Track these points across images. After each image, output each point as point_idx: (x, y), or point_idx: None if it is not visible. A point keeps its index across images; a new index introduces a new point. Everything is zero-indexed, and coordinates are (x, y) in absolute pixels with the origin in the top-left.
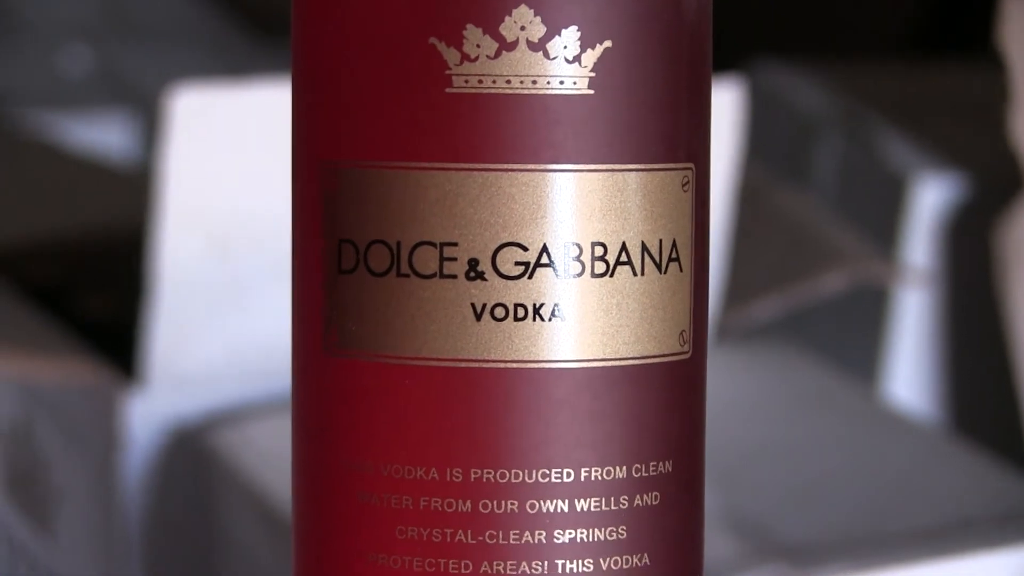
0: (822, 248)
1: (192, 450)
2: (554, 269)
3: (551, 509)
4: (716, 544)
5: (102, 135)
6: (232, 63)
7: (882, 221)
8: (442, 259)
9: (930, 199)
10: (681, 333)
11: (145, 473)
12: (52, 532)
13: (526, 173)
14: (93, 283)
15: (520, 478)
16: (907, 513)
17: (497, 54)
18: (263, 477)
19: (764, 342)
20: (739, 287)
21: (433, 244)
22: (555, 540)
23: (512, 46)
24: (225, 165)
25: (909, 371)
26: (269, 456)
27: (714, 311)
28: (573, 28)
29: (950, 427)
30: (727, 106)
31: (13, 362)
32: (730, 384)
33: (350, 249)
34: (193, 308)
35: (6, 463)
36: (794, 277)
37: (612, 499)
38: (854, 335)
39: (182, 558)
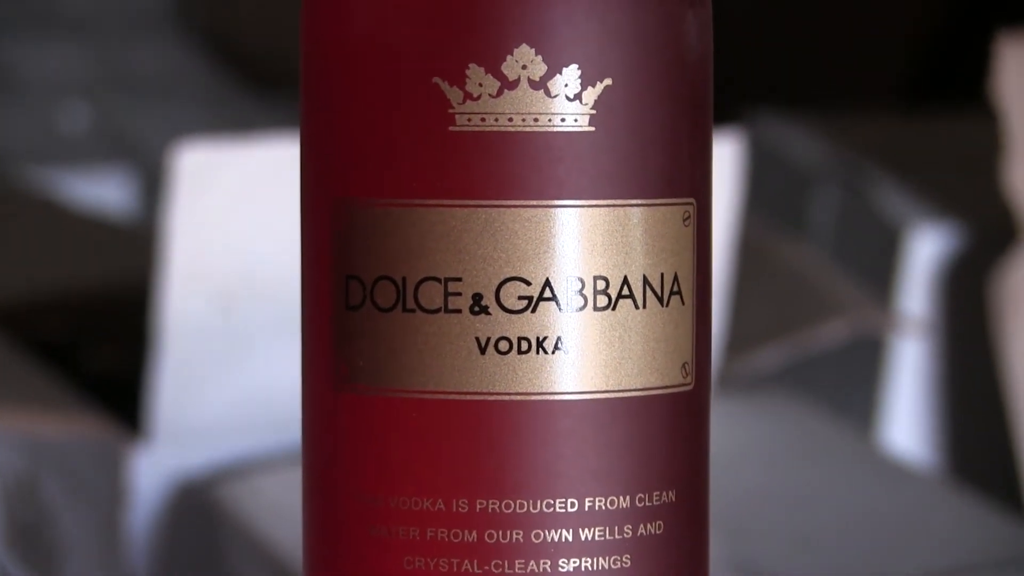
0: (822, 298)
1: (198, 504)
2: (557, 303)
3: (556, 539)
4: None
5: (101, 190)
6: (229, 117)
7: (879, 271)
8: (447, 294)
9: (926, 249)
10: (683, 365)
11: (151, 527)
12: None
13: (529, 209)
14: (98, 338)
15: (525, 508)
16: (906, 559)
17: (499, 93)
18: (270, 530)
19: (765, 391)
20: (741, 336)
21: (438, 279)
22: (560, 569)
23: (514, 85)
24: (229, 222)
25: (907, 419)
26: (276, 509)
27: (716, 360)
28: (574, 66)
29: (948, 474)
30: (727, 157)
31: (19, 416)
32: (732, 432)
33: (357, 285)
34: (198, 363)
35: (11, 517)
36: (794, 327)
37: (616, 528)
38: (852, 384)
39: None
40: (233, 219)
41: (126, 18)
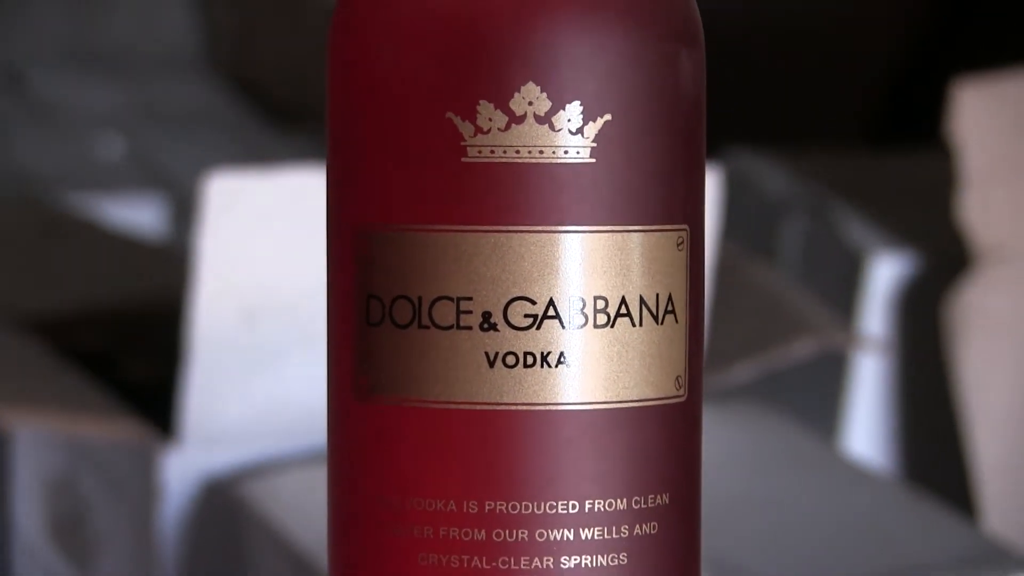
0: (790, 318)
1: (223, 501)
2: (560, 321)
3: (558, 537)
4: None
5: (135, 215)
6: (251, 149)
7: (842, 294)
8: (459, 312)
9: (885, 274)
10: (677, 378)
11: (180, 522)
12: (93, 575)
13: (534, 234)
14: (134, 349)
15: (530, 509)
16: (866, 556)
17: (507, 127)
18: (289, 525)
19: (738, 402)
20: (716, 352)
21: (451, 299)
22: (562, 566)
23: (521, 119)
24: (254, 243)
25: (867, 428)
26: (295, 505)
27: None
28: (576, 103)
29: (904, 478)
30: (708, 188)
31: (61, 420)
32: (707, 439)
33: (377, 304)
34: (225, 372)
35: (53, 512)
36: (766, 344)
37: (614, 528)
38: (818, 396)
39: None
40: (257, 241)
41: (159, 59)
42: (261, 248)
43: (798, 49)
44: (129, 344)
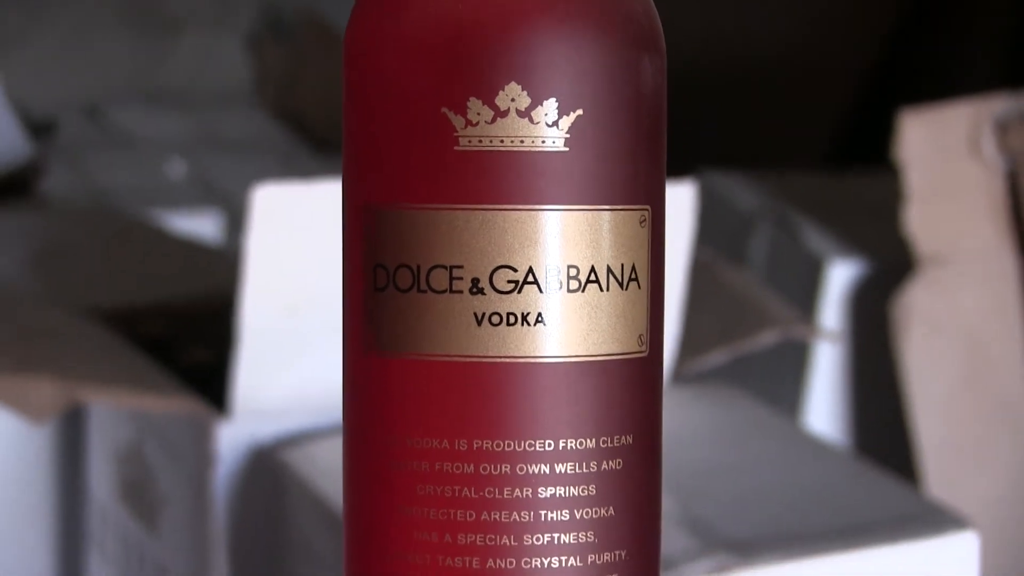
0: (758, 313)
1: (268, 466)
2: (538, 286)
3: (536, 471)
4: (673, 539)
5: (194, 225)
6: (295, 171)
7: (803, 293)
8: (451, 278)
9: (840, 277)
10: (639, 336)
11: (231, 484)
12: (158, 531)
13: (516, 212)
14: (192, 337)
15: (512, 447)
16: (823, 516)
17: (493, 120)
18: (323, 485)
19: (712, 384)
20: (693, 341)
21: (444, 267)
22: (539, 495)
23: (505, 114)
24: (294, 245)
25: (824, 407)
26: (328, 469)
27: (671, 361)
28: (552, 99)
29: (856, 450)
30: (683, 202)
31: (129, 397)
32: (685, 416)
33: (383, 272)
34: (269, 357)
35: (122, 476)
36: (737, 335)
37: (584, 464)
38: (782, 379)
39: (260, 550)
40: (297, 243)
41: (216, 94)
42: (300, 249)
43: (765, 85)
44: (188, 333)
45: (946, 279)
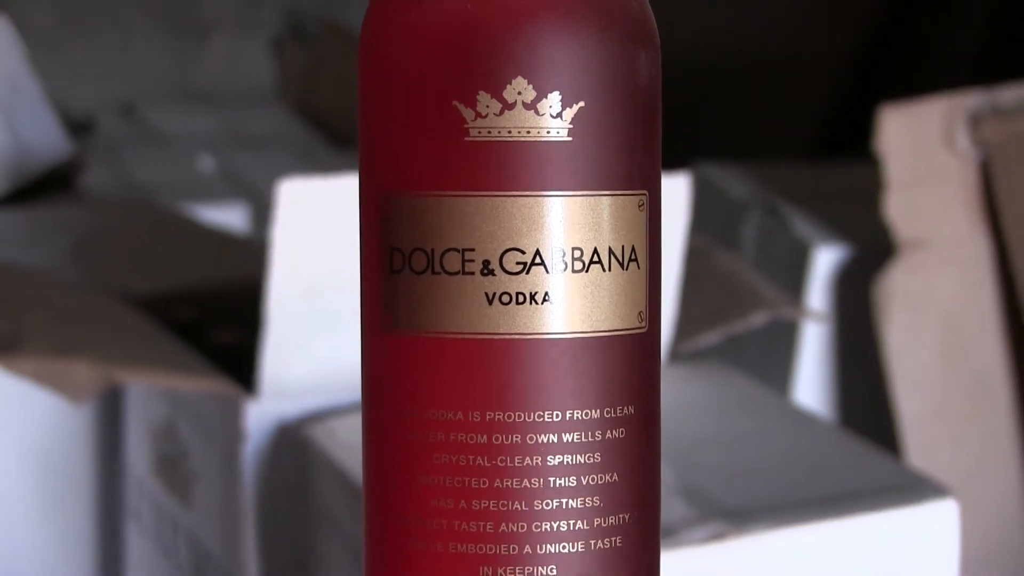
0: (750, 295)
1: (292, 441)
2: (545, 267)
3: (544, 440)
4: (671, 508)
5: (223, 217)
6: (316, 166)
7: (791, 277)
8: (463, 261)
9: (826, 261)
10: (639, 313)
11: (259, 459)
12: (190, 502)
13: (524, 198)
14: (221, 321)
15: (522, 418)
16: (812, 486)
17: (501, 112)
18: (345, 459)
19: (708, 361)
20: (688, 322)
21: (457, 250)
22: (548, 463)
23: (512, 106)
24: (316, 234)
25: (811, 383)
26: (349, 444)
27: (668, 341)
28: (556, 92)
29: (841, 423)
30: (679, 192)
31: (164, 378)
32: (682, 392)
33: (399, 255)
34: (294, 340)
35: (157, 451)
36: (729, 315)
37: (589, 433)
38: (772, 356)
39: (286, 519)
40: (318, 233)
41: (242, 94)
42: (322, 238)
43: (755, 82)
44: (217, 317)
45: (924, 263)
